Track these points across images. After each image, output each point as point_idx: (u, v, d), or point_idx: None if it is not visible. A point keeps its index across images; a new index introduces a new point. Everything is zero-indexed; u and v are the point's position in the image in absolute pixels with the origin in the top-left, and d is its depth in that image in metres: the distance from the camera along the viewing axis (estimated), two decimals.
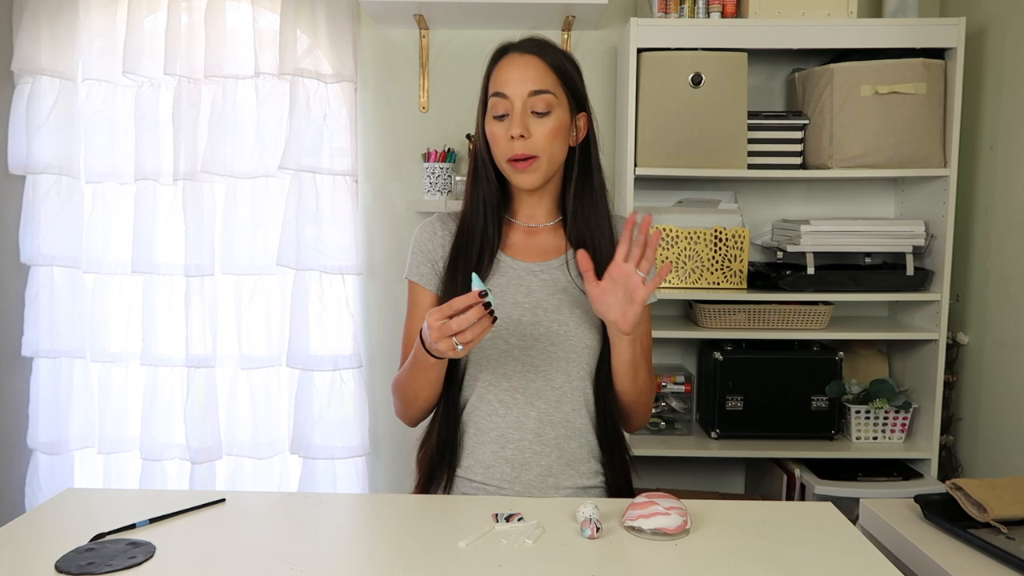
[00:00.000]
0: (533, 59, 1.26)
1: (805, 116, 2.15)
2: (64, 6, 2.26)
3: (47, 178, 2.31)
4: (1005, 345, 2.02)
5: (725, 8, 2.12)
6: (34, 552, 1.03)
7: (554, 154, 1.28)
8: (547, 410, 1.28)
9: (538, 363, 1.28)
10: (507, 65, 1.27)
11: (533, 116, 1.25)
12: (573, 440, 1.30)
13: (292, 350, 2.31)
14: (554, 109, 1.26)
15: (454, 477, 1.32)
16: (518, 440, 1.29)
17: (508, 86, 1.26)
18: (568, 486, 1.30)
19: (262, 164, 2.30)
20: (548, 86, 1.25)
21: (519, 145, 1.25)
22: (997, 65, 2.07)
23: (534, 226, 1.36)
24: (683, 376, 2.25)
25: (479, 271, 1.30)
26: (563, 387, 1.29)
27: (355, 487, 2.38)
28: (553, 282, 1.31)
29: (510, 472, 1.29)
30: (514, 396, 1.28)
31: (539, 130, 1.25)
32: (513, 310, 1.28)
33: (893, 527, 1.27)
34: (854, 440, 2.19)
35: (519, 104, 1.25)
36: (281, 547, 1.05)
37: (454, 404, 1.31)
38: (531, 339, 1.27)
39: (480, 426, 1.30)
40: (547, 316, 1.28)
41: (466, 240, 1.32)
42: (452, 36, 2.37)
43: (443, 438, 1.31)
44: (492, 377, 1.28)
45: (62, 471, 2.39)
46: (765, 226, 2.34)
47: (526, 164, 1.26)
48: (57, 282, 2.34)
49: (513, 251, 1.34)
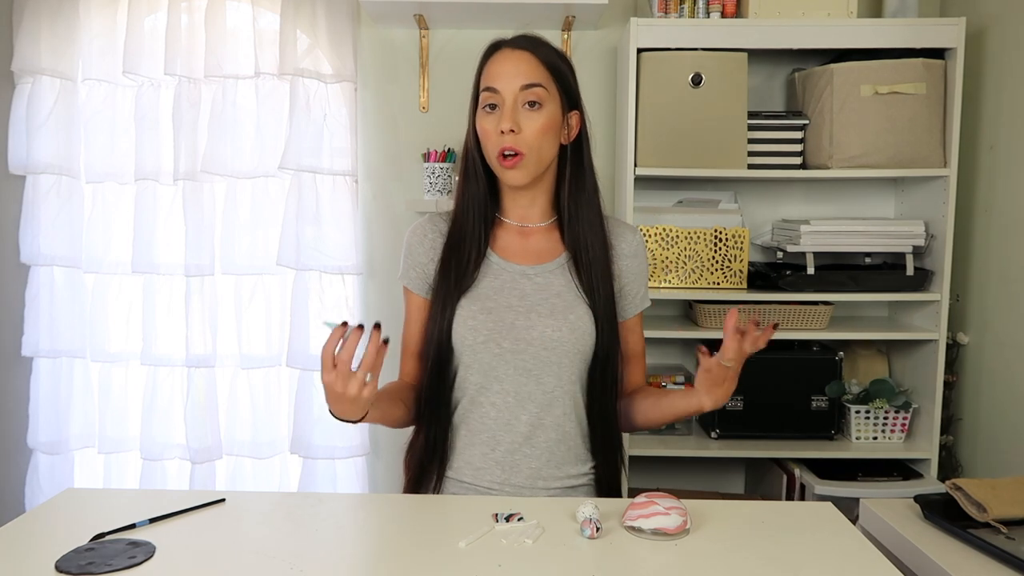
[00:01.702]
0: (525, 54, 1.26)
1: (805, 116, 2.15)
2: (64, 6, 2.26)
3: (47, 178, 2.31)
4: (1005, 345, 2.02)
5: (725, 8, 2.12)
6: (34, 552, 1.03)
7: (543, 151, 1.26)
8: (538, 413, 1.28)
9: (530, 367, 1.27)
10: (499, 60, 1.26)
11: (524, 110, 1.24)
12: (563, 443, 1.30)
13: (292, 350, 2.31)
14: (545, 103, 1.25)
15: (443, 478, 1.32)
16: (508, 443, 1.28)
17: (499, 80, 1.25)
18: (556, 487, 1.30)
19: (262, 164, 2.29)
20: (539, 80, 1.24)
21: (509, 139, 1.23)
22: (997, 65, 2.07)
23: (528, 226, 1.35)
24: (683, 376, 2.24)
25: (469, 272, 1.29)
26: (555, 391, 1.28)
27: (355, 487, 2.38)
28: (547, 286, 1.30)
29: (499, 474, 1.29)
30: (505, 399, 1.28)
31: (529, 125, 1.24)
32: (506, 314, 1.27)
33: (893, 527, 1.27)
34: (854, 440, 2.18)
35: (510, 99, 1.24)
36: (281, 547, 1.05)
37: (445, 405, 1.31)
38: (524, 343, 1.26)
39: (471, 428, 1.30)
40: (541, 320, 1.27)
41: (458, 240, 1.31)
42: (452, 36, 2.37)
43: (433, 440, 1.31)
44: (484, 380, 1.28)
45: (62, 471, 2.39)
46: (765, 226, 2.34)
47: (514, 161, 1.24)
48: (57, 282, 2.34)
49: (506, 253, 1.33)
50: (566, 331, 1.27)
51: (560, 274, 1.31)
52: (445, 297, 1.28)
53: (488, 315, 1.27)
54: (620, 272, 1.34)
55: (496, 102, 1.25)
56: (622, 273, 1.35)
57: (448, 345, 1.28)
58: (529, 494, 1.28)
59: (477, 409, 1.29)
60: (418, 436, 1.34)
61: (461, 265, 1.29)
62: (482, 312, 1.27)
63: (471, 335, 1.26)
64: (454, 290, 1.28)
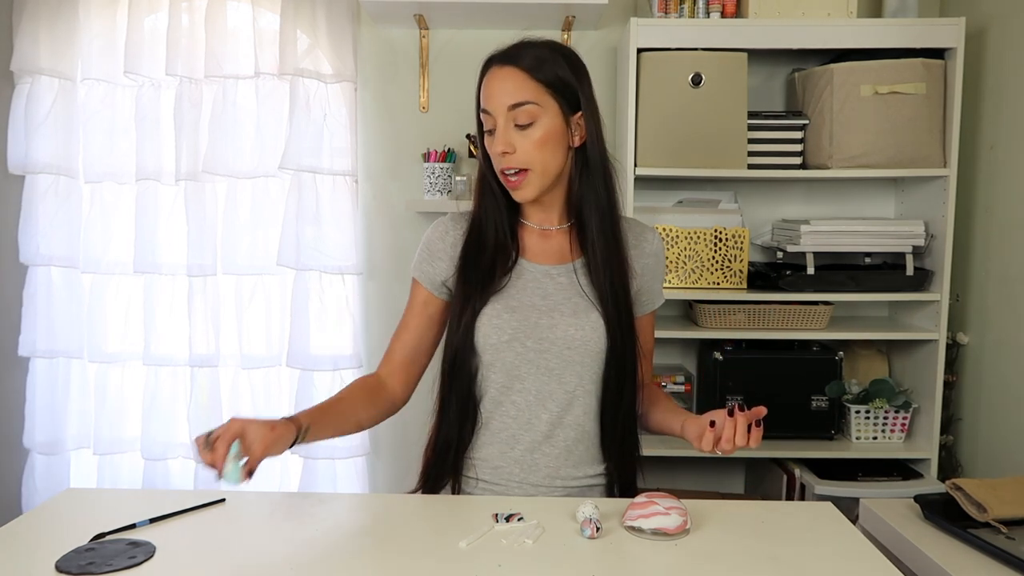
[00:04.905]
0: (510, 71, 1.22)
1: (805, 116, 2.15)
2: (64, 6, 2.26)
3: (45, 178, 2.31)
4: (1005, 345, 2.02)
5: (725, 8, 2.12)
6: (34, 552, 1.03)
7: (547, 163, 1.25)
8: (558, 413, 1.28)
9: (553, 366, 1.27)
10: (489, 79, 1.25)
11: (516, 129, 1.23)
12: (581, 442, 1.30)
13: (292, 350, 2.31)
14: (538, 119, 1.22)
15: (460, 476, 1.32)
16: (528, 441, 1.28)
17: (489, 102, 1.24)
18: (573, 486, 1.30)
19: (262, 164, 2.29)
20: (527, 97, 1.21)
21: (506, 161, 1.23)
22: (997, 65, 2.07)
23: (548, 228, 1.34)
24: (683, 376, 2.25)
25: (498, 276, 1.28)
26: (576, 390, 1.28)
27: (355, 487, 2.38)
28: (570, 285, 1.30)
29: (518, 473, 1.29)
30: (527, 398, 1.28)
31: (523, 143, 1.22)
32: (530, 313, 1.27)
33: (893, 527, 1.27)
34: (854, 440, 2.18)
35: (501, 120, 1.23)
36: (281, 547, 1.05)
37: (465, 403, 1.30)
38: (547, 342, 1.26)
39: (491, 427, 1.30)
40: (564, 320, 1.27)
41: (476, 250, 1.30)
42: (452, 36, 2.37)
43: (453, 438, 1.31)
44: (506, 380, 1.28)
45: (58, 471, 2.39)
46: (765, 226, 2.34)
47: (519, 179, 1.24)
48: (55, 282, 2.34)
49: (528, 254, 1.33)
50: (588, 330, 1.26)
51: (582, 275, 1.31)
52: (468, 298, 1.27)
53: (512, 314, 1.26)
54: (641, 271, 1.34)
55: (491, 125, 1.24)
56: (643, 272, 1.35)
57: (470, 345, 1.27)
58: (547, 493, 1.28)
59: (498, 408, 1.29)
60: (439, 433, 1.34)
61: (483, 268, 1.28)
62: (506, 311, 1.27)
63: (495, 334, 1.26)
64: (478, 292, 1.27)
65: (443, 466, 1.32)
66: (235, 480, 1.04)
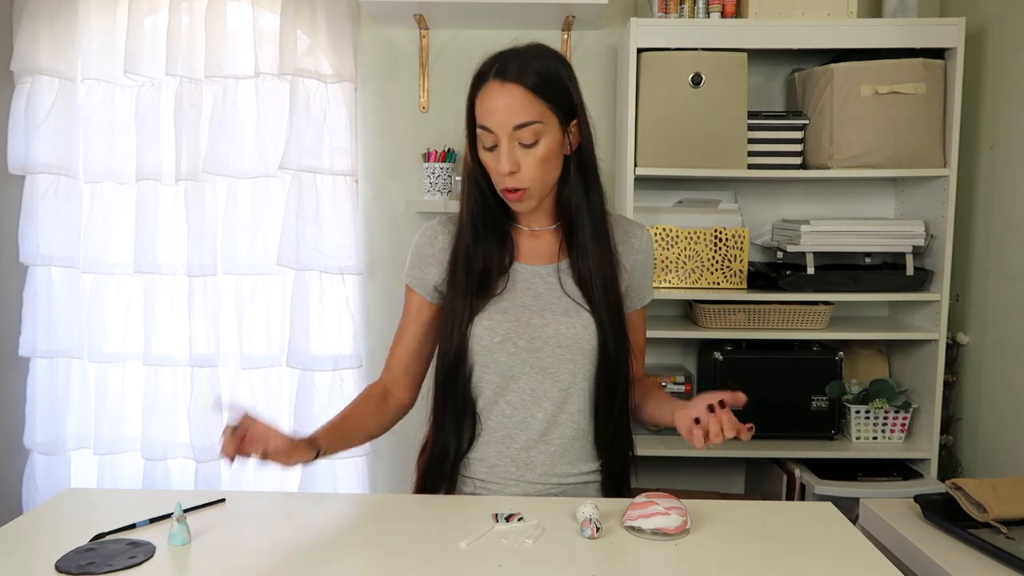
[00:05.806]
0: (515, 88, 1.20)
1: (805, 116, 2.15)
2: (64, 6, 2.26)
3: (45, 178, 2.31)
4: (1005, 345, 2.02)
5: (725, 8, 2.12)
6: (34, 552, 1.03)
7: (547, 177, 1.25)
8: (553, 410, 1.29)
9: (546, 365, 1.28)
10: (489, 96, 1.22)
11: (521, 148, 1.22)
12: (577, 440, 1.31)
13: (292, 350, 2.31)
14: (542, 136, 1.22)
15: (457, 476, 1.32)
16: (523, 440, 1.29)
17: (491, 119, 1.22)
18: (569, 483, 1.31)
19: (262, 164, 2.29)
20: (533, 116, 1.20)
21: (510, 180, 1.23)
22: (997, 65, 2.07)
23: (537, 229, 1.35)
24: (683, 376, 2.24)
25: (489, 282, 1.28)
26: (570, 388, 1.29)
27: (355, 487, 2.38)
28: (560, 284, 1.31)
29: (514, 471, 1.29)
30: (522, 397, 1.29)
31: (527, 160, 1.22)
32: (521, 313, 1.28)
33: (893, 527, 1.27)
34: (854, 440, 2.18)
35: (505, 139, 1.21)
36: (281, 547, 1.05)
37: (462, 413, 1.30)
38: (540, 341, 1.27)
39: (487, 427, 1.30)
40: (555, 319, 1.27)
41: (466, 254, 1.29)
42: (452, 36, 2.37)
43: (450, 448, 1.31)
44: (501, 380, 1.28)
45: (59, 471, 2.39)
46: (765, 226, 2.34)
47: (519, 195, 1.25)
48: (55, 282, 2.34)
49: (518, 255, 1.33)
50: (579, 328, 1.27)
51: (566, 275, 1.31)
52: (461, 304, 1.27)
53: (504, 315, 1.27)
54: (631, 267, 1.35)
55: (493, 142, 1.23)
56: (633, 268, 1.35)
57: (464, 348, 1.27)
58: (542, 491, 1.29)
59: (493, 409, 1.30)
60: (435, 434, 1.34)
61: (474, 272, 1.28)
62: (497, 312, 1.27)
63: (488, 335, 1.26)
64: (470, 296, 1.27)
65: (440, 476, 1.32)
66: (180, 542, 1.06)
